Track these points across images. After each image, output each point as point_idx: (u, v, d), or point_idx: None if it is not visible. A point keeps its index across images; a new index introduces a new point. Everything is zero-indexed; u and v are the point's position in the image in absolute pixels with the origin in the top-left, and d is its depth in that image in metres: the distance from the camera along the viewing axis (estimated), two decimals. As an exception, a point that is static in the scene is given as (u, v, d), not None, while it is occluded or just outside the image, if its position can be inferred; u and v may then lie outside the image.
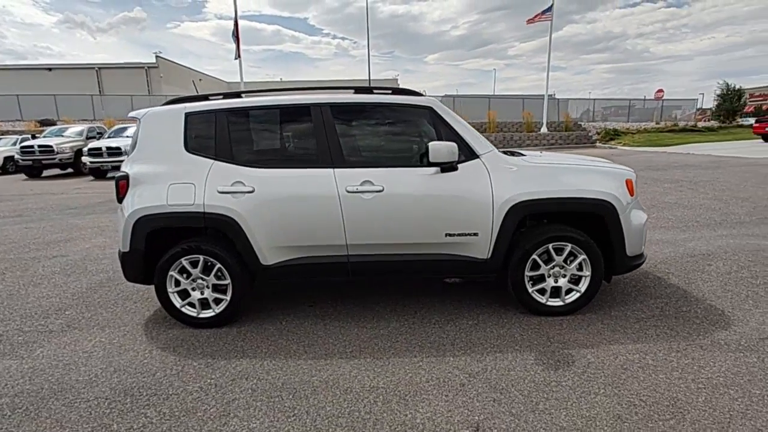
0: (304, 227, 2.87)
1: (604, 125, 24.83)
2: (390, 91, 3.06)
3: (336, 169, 2.87)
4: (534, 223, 3.09)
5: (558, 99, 28.32)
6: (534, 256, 2.90)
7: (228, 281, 2.93)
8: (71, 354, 2.70)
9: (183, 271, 2.95)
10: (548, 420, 1.94)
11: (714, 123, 25.76)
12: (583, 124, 25.12)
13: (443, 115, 2.93)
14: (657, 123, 26.21)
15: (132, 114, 3.17)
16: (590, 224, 2.96)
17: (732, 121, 25.88)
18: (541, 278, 2.96)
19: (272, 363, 2.53)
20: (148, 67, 35.11)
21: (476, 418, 1.98)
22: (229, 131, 2.95)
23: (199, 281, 2.97)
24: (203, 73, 43.42)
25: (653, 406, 2.01)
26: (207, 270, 2.94)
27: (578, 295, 2.96)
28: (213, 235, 3.01)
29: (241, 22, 22.31)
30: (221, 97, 3.11)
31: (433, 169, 2.86)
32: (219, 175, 2.87)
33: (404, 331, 2.87)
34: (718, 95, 27.07)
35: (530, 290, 2.95)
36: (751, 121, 23.36)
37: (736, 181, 8.50)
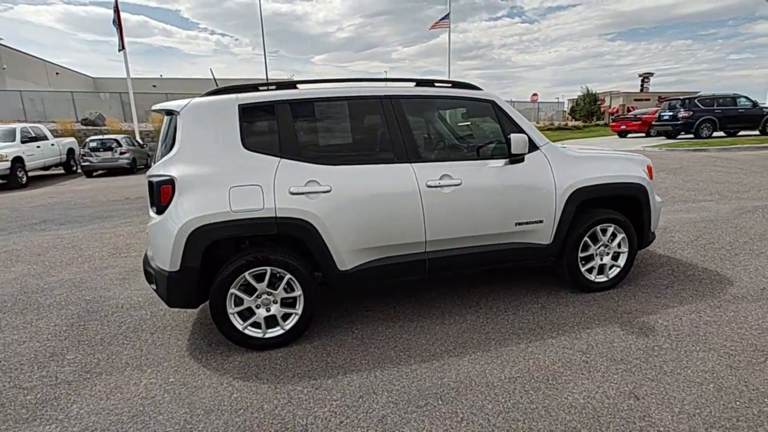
0: (386, 226, 2.71)
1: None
2: (450, 85, 3.04)
3: (414, 164, 2.76)
4: (586, 207, 3.26)
5: None
6: (585, 238, 3.17)
7: (299, 293, 2.63)
8: (127, 403, 2.16)
9: (246, 287, 2.56)
10: (683, 377, 2.17)
11: (579, 123, 30.46)
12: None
13: (505, 109, 3.02)
14: (537, 122, 29.97)
15: (162, 106, 2.64)
16: (624, 206, 3.32)
17: (591, 121, 30.96)
18: (590, 258, 3.24)
19: (387, 372, 2.35)
20: (-15, 57, 28.61)
21: (627, 388, 2.11)
22: (294, 125, 2.64)
23: (265, 297, 2.60)
24: (61, 66, 36.85)
25: (744, 353, 2.37)
26: (272, 283, 2.59)
27: (618, 270, 3.31)
28: (279, 242, 2.66)
29: (96, 10, 19.78)
30: (274, 87, 2.76)
31: (502, 161, 2.93)
32: (289, 175, 2.55)
33: (484, 322, 2.90)
34: (578, 98, 32.26)
35: (582, 270, 3.22)
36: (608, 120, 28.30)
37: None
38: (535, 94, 34.47)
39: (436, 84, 3.01)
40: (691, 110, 16.24)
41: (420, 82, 2.99)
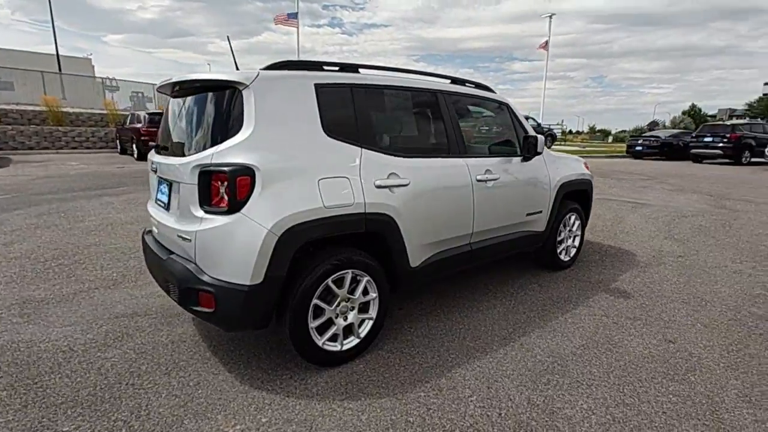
0: (449, 219, 2.74)
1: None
2: (474, 85, 3.22)
3: (465, 159, 2.85)
4: (563, 199, 3.80)
5: None
6: (561, 225, 3.80)
7: (374, 295, 2.44)
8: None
9: (326, 294, 2.24)
10: (682, 321, 2.89)
11: None
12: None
13: (516, 112, 3.37)
14: None
15: (225, 77, 2.05)
16: (578, 196, 4.07)
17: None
18: (561, 242, 3.89)
19: (487, 360, 2.41)
20: None
21: (657, 335, 2.70)
22: (370, 112, 2.41)
23: (343, 304, 2.32)
24: None
25: (679, 294, 3.29)
26: (350, 288, 2.33)
27: (575, 250, 4.07)
28: (358, 241, 2.38)
29: None
30: (337, 69, 2.44)
31: (519, 159, 3.28)
32: (371, 166, 2.33)
33: (513, 304, 3.19)
34: None
35: (557, 252, 3.84)
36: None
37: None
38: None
39: (467, 83, 3.16)
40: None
41: (454, 80, 3.08)
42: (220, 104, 2.10)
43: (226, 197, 1.95)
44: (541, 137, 3.22)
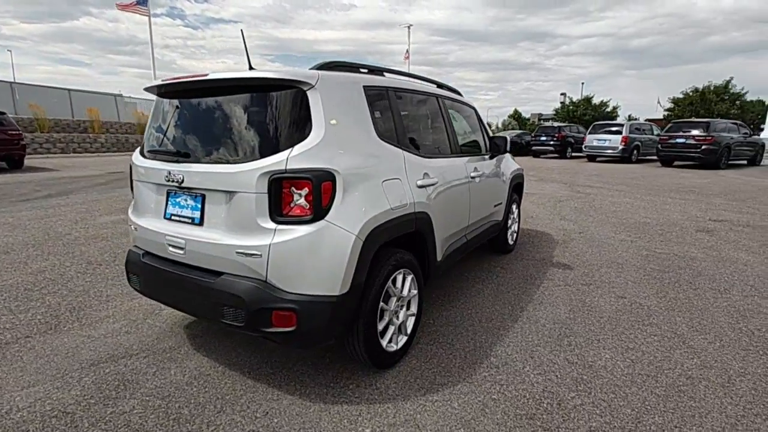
0: (457, 214, 2.97)
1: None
2: (450, 90, 3.48)
3: (461, 157, 3.11)
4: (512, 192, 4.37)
5: (121, 97, 25.58)
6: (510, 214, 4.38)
7: (415, 292, 2.53)
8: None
9: (386, 296, 2.26)
10: (618, 281, 3.66)
11: None
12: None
13: (479, 114, 3.77)
14: None
15: (287, 75, 1.86)
16: (516, 188, 4.72)
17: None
18: (509, 227, 4.48)
19: (518, 334, 2.71)
20: None
21: (614, 294, 3.40)
22: (402, 114, 2.47)
23: (396, 303, 2.36)
24: None
25: (601, 258, 4.17)
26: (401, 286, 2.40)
27: (516, 234, 4.72)
28: (405, 240, 2.41)
29: None
30: (366, 71, 2.42)
31: (488, 156, 3.69)
32: (411, 167, 2.42)
33: (506, 289, 3.58)
34: None
35: (507, 236, 4.41)
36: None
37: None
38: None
39: (446, 87, 3.41)
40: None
41: (440, 85, 3.31)
42: (282, 105, 1.93)
43: (306, 205, 1.83)
44: (507, 138, 3.69)
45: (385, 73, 2.57)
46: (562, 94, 58.41)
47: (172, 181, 2.06)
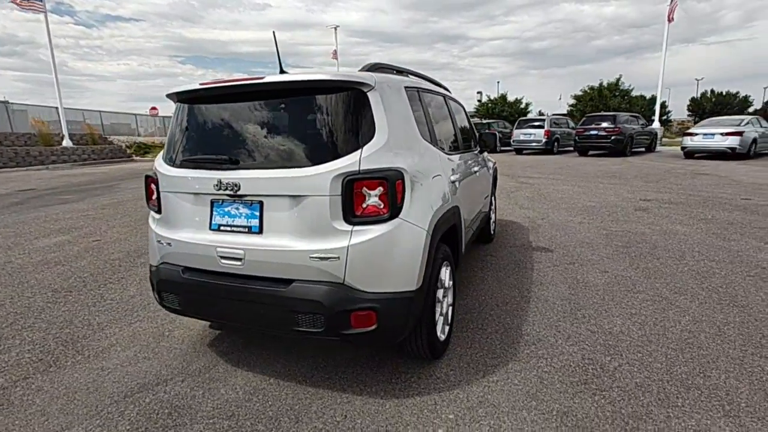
0: (471, 206, 3.14)
1: (124, 139, 23.89)
2: (443, 87, 3.63)
3: (464, 153, 3.28)
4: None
5: (8, 104, 22.50)
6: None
7: (451, 282, 2.64)
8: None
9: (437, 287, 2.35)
10: (594, 258, 4.09)
11: None
12: (108, 137, 22.91)
13: (467, 111, 3.97)
14: (138, 137, 28.09)
15: (349, 78, 1.85)
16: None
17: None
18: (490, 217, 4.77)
19: (547, 319, 2.94)
20: None
21: (598, 270, 3.79)
22: (430, 114, 2.57)
23: (441, 293, 2.46)
24: None
25: (577, 240, 4.63)
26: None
27: (495, 224, 5.03)
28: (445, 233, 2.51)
29: None
30: (395, 72, 2.47)
31: (477, 150, 3.91)
32: (445, 164, 2.54)
33: (505, 275, 3.82)
34: None
35: (490, 225, 4.70)
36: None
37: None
38: (153, 108, 32.10)
39: (441, 86, 3.56)
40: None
41: (435, 83, 3.44)
42: (345, 108, 1.92)
43: (381, 204, 1.85)
44: (497, 134, 3.94)
45: (408, 75, 2.66)
46: (478, 92, 62.17)
47: (225, 189, 1.96)
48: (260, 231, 1.96)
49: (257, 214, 1.97)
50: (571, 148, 18.32)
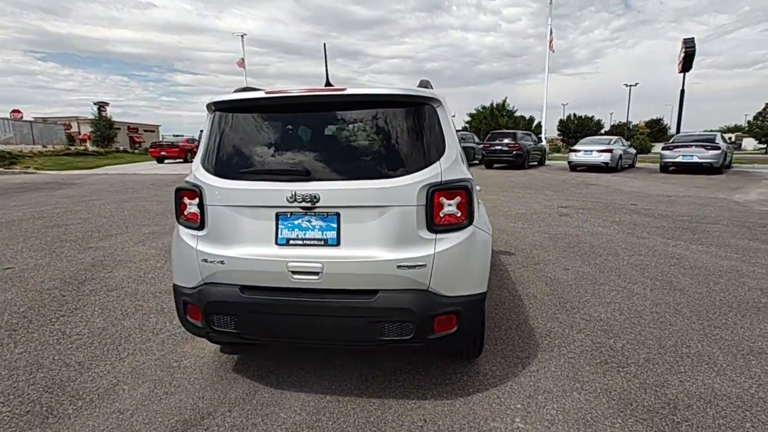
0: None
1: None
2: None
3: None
4: None
5: None
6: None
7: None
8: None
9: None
10: (582, 252, 4.64)
11: (100, 148, 27.20)
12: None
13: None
14: (51, 146, 24.11)
15: (423, 93, 1.93)
16: None
17: (110, 146, 28.61)
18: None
19: (569, 306, 3.26)
20: None
21: (592, 263, 4.32)
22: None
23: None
24: None
25: (576, 232, 5.20)
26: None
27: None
28: None
29: None
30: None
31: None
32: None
33: (508, 274, 4.11)
34: (92, 122, 28.82)
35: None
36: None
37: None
38: (17, 110, 27.15)
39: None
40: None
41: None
42: (419, 121, 2.00)
43: (458, 213, 1.97)
44: (475, 146, 4.25)
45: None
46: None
47: (301, 202, 1.89)
48: (338, 243, 1.93)
49: (334, 225, 1.93)
50: (477, 162, 20.09)
